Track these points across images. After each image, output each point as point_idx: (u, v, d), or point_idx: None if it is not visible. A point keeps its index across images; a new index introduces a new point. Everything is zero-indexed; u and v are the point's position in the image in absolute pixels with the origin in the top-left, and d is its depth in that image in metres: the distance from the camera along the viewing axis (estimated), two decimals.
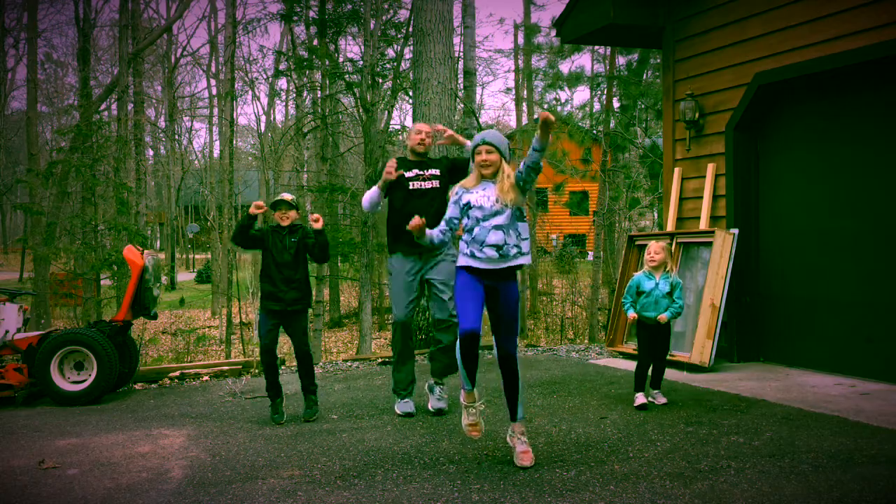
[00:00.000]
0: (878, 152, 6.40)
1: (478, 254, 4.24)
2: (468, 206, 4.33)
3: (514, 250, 4.27)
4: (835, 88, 6.75)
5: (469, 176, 4.45)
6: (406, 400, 5.70)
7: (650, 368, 5.67)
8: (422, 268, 5.63)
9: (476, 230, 4.25)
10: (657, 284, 5.53)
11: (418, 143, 5.77)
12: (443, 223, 4.48)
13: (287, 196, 5.67)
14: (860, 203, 6.55)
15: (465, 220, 4.38)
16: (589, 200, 32.40)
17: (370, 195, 5.73)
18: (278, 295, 5.54)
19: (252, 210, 5.48)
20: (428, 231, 4.40)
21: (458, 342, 4.22)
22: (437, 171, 5.67)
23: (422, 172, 5.68)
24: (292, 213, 5.62)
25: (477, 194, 4.31)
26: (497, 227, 4.22)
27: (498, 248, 4.22)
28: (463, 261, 4.33)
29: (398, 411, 5.67)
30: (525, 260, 4.33)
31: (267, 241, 5.60)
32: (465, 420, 4.39)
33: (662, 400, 5.66)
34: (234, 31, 20.86)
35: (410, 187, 5.64)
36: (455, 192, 4.44)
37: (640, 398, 5.59)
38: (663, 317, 5.47)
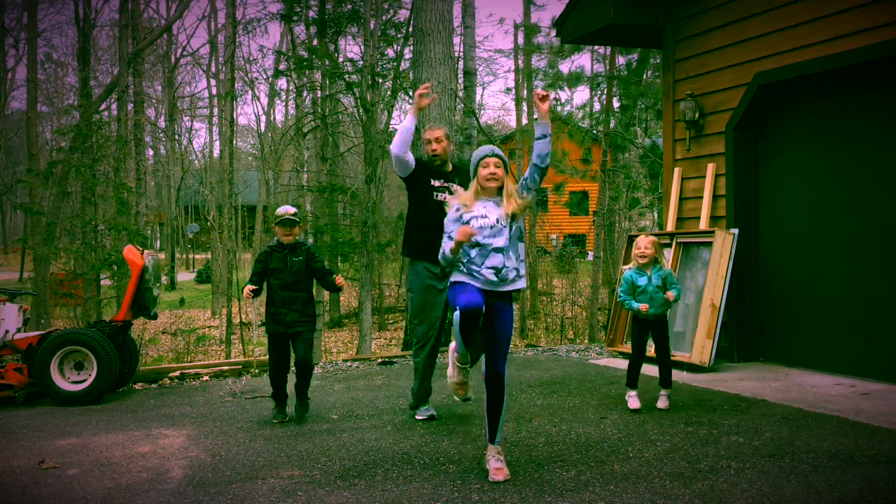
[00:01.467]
0: (878, 152, 6.40)
1: (476, 274, 4.12)
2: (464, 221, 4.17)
3: (513, 273, 4.16)
4: (835, 88, 6.75)
5: (467, 192, 4.25)
6: (426, 406, 5.54)
7: (658, 365, 5.56)
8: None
9: (474, 252, 4.12)
10: (650, 279, 5.44)
11: (432, 154, 5.43)
12: (445, 239, 4.25)
13: (291, 210, 5.48)
14: (860, 203, 6.55)
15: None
16: (589, 200, 32.41)
17: (402, 130, 5.13)
18: (278, 317, 5.43)
19: (245, 295, 5.38)
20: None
21: (459, 315, 4.01)
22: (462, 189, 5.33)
23: (448, 185, 5.31)
24: (296, 230, 5.49)
25: (478, 213, 4.16)
26: (497, 250, 4.10)
27: (497, 270, 4.11)
28: (460, 277, 4.20)
29: (421, 416, 5.46)
30: (522, 283, 4.24)
31: (268, 262, 5.48)
32: (454, 377, 4.35)
33: (664, 404, 5.50)
34: (234, 31, 20.86)
35: (436, 197, 5.34)
36: (454, 207, 4.25)
37: (633, 400, 5.50)
38: (670, 294, 5.36)
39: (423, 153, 5.50)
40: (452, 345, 4.36)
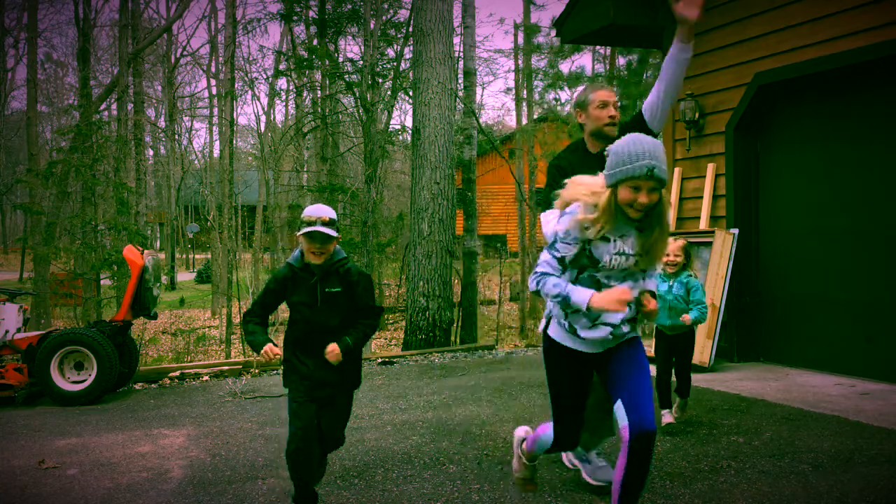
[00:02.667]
0: (878, 152, 6.40)
1: (581, 332, 2.95)
2: (588, 254, 2.89)
3: (628, 327, 3.00)
4: (835, 88, 6.75)
5: (590, 201, 2.85)
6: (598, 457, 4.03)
7: (672, 377, 4.98)
8: None
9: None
10: (670, 288, 4.84)
11: (608, 122, 3.83)
12: (547, 264, 2.92)
13: (325, 214, 3.48)
14: (860, 203, 6.55)
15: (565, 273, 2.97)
16: None
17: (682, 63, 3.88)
18: (302, 371, 3.55)
19: (265, 357, 3.47)
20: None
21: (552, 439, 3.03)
22: None
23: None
24: (331, 247, 3.52)
25: (602, 240, 2.87)
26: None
27: (615, 326, 2.95)
28: (557, 333, 3.03)
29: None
30: (638, 332, 3.09)
31: (288, 291, 3.58)
32: (519, 472, 3.44)
33: (671, 417, 4.88)
34: (234, 31, 20.85)
35: None
36: (567, 213, 2.89)
37: (667, 416, 4.89)
38: (687, 317, 4.70)
39: (589, 120, 3.87)
40: (521, 431, 3.48)
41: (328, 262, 3.53)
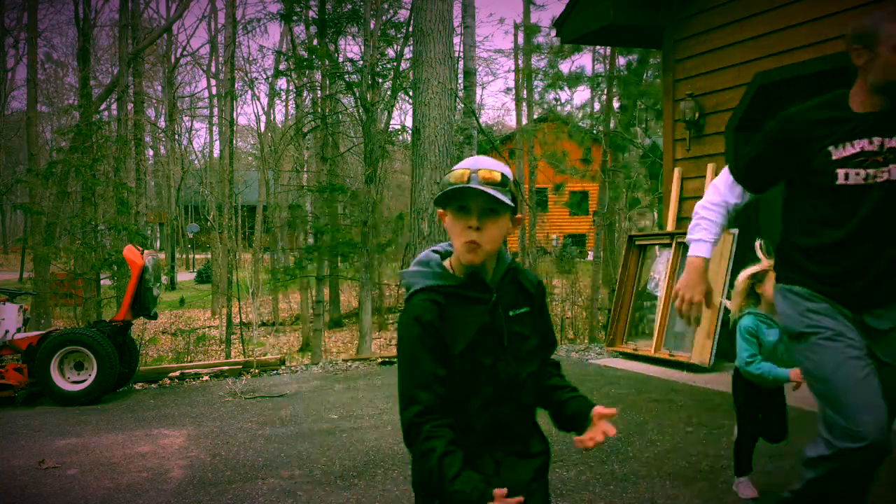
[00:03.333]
0: None
1: None
2: None
3: None
4: (835, 88, 6.75)
5: None
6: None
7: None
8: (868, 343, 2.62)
9: None
10: (782, 335, 3.47)
11: None
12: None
13: (489, 166, 1.83)
14: None
15: None
16: (589, 200, 32.45)
17: None
18: (477, 463, 1.85)
19: None
20: None
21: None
22: None
23: (878, 143, 2.58)
24: (500, 233, 1.84)
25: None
26: None
27: None
28: None
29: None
30: None
31: (448, 336, 1.85)
32: None
33: (753, 490, 3.76)
34: (234, 31, 20.86)
35: (839, 180, 2.59)
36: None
37: (745, 488, 3.74)
38: (796, 372, 3.41)
39: (875, 65, 2.63)
40: None
41: (504, 276, 1.93)
